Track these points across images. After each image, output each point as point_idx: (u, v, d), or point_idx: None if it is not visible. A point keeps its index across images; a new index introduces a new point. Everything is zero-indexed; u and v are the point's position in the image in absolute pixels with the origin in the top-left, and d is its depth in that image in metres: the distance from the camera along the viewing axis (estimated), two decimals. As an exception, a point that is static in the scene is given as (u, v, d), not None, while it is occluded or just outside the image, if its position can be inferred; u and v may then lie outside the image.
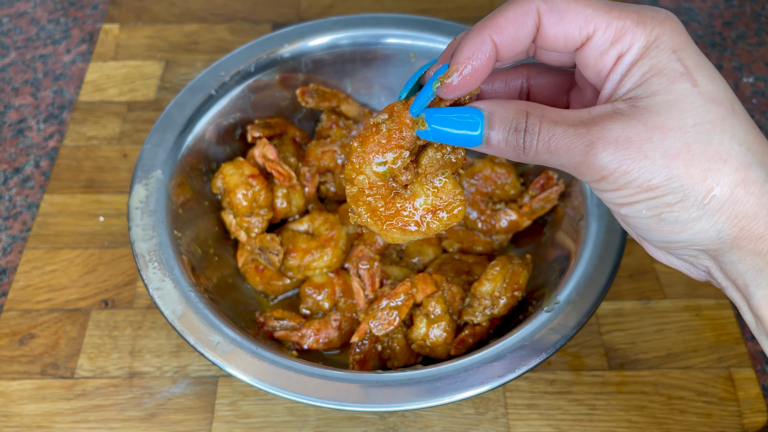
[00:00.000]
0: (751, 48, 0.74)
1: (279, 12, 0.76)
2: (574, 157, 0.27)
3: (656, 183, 0.26)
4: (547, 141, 0.27)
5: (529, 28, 0.28)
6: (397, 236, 0.32)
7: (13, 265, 0.58)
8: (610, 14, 0.27)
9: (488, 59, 0.28)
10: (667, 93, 0.26)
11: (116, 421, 0.49)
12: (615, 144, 0.26)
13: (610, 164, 0.26)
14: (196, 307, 0.44)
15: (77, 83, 0.70)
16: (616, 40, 0.27)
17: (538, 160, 0.28)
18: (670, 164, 0.26)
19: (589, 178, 0.27)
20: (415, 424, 0.49)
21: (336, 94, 0.59)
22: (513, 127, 0.28)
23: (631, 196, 0.27)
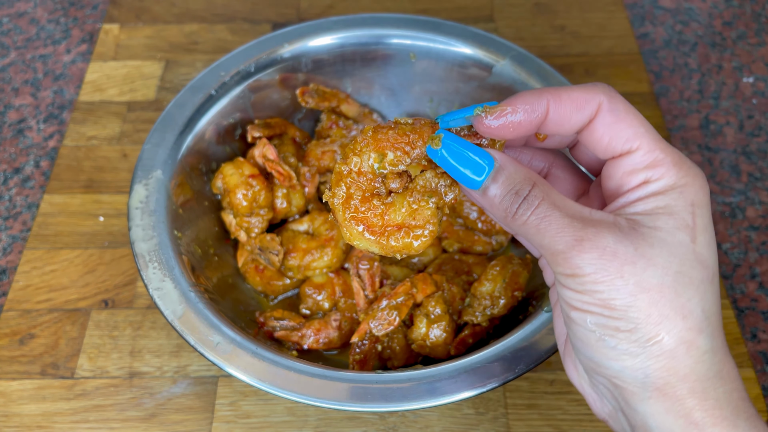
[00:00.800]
0: (751, 48, 0.74)
1: (279, 12, 0.76)
2: (558, 244, 0.27)
3: (617, 305, 0.26)
4: (540, 218, 0.27)
5: (585, 115, 0.28)
6: (355, 234, 0.32)
7: (13, 265, 0.58)
8: (656, 143, 0.28)
9: (535, 119, 0.28)
10: (668, 234, 0.27)
11: (116, 421, 0.49)
12: (601, 251, 0.26)
13: (587, 267, 0.26)
14: (196, 307, 0.44)
15: (77, 83, 0.70)
16: (651, 166, 0.28)
17: (521, 232, 0.28)
18: (639, 295, 0.26)
19: (560, 269, 0.27)
20: (415, 424, 0.49)
21: (336, 94, 0.59)
22: (515, 190, 0.28)
23: (588, 304, 0.27)
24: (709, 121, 0.68)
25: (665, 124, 0.66)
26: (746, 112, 0.69)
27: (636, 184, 0.28)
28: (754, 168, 0.64)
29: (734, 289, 0.57)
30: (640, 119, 0.28)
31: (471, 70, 0.57)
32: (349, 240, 0.32)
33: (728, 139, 0.66)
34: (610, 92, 0.28)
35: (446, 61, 0.58)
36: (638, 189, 0.28)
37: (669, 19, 0.77)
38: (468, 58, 0.57)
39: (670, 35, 0.75)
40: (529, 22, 0.75)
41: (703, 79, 0.71)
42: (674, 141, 0.66)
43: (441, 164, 0.29)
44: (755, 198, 0.62)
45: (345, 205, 0.31)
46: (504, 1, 0.77)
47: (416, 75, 0.59)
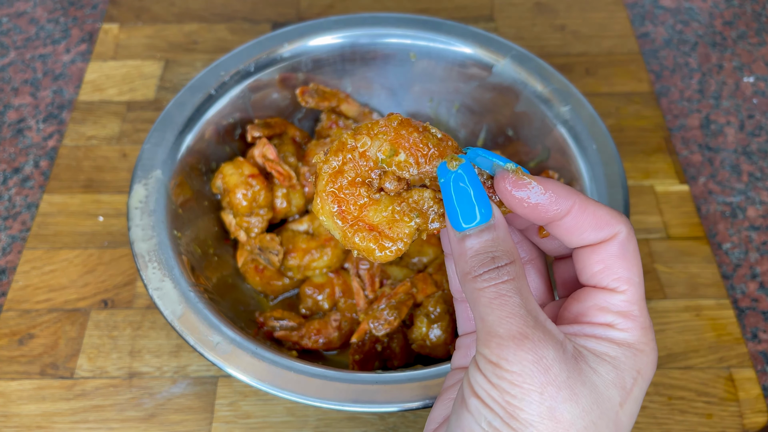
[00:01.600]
0: (751, 48, 0.74)
1: (279, 11, 0.76)
2: (500, 327, 0.25)
3: (521, 416, 0.24)
4: (499, 294, 0.25)
5: (599, 236, 0.27)
6: (326, 211, 0.29)
7: (12, 265, 0.58)
8: (640, 299, 0.27)
9: (553, 213, 0.27)
10: (603, 383, 0.25)
11: (116, 422, 0.49)
12: (538, 359, 0.24)
13: (516, 365, 0.24)
14: (195, 307, 0.44)
15: (77, 83, 0.70)
16: (622, 315, 0.27)
17: (472, 297, 0.26)
18: (546, 421, 0.24)
19: (486, 352, 0.25)
20: (415, 425, 0.49)
21: (336, 93, 0.59)
22: (493, 255, 0.26)
23: (493, 401, 0.25)
24: (709, 120, 0.68)
25: (665, 124, 0.66)
26: (747, 112, 0.68)
27: (599, 322, 0.27)
28: (754, 168, 0.64)
29: (735, 289, 0.57)
30: (640, 269, 0.27)
31: (471, 70, 0.57)
32: (317, 212, 0.30)
33: (729, 139, 0.66)
34: (630, 228, 0.27)
35: (446, 60, 0.58)
36: (599, 327, 0.27)
37: (669, 19, 0.77)
38: (468, 57, 0.57)
39: (670, 35, 0.75)
40: (530, 22, 0.75)
41: (704, 79, 0.71)
42: (675, 141, 0.66)
43: (442, 189, 0.27)
44: (756, 198, 0.62)
45: (331, 177, 0.29)
46: (504, 1, 0.77)
47: (416, 74, 0.59)
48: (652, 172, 0.62)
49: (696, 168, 0.64)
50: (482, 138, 0.60)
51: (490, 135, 0.59)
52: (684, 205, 0.60)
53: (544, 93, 0.54)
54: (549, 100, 0.54)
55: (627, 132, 0.66)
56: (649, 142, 0.65)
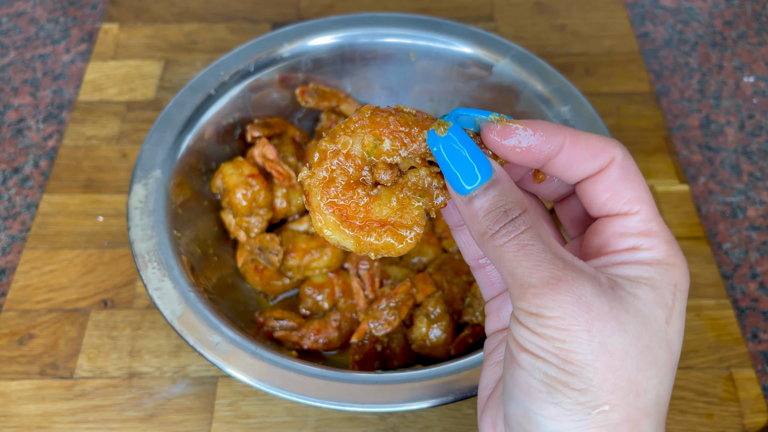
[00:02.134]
0: (751, 47, 0.74)
1: (279, 11, 0.76)
2: (532, 278, 0.24)
3: (575, 359, 0.24)
4: (521, 245, 0.25)
5: (596, 165, 0.27)
6: (329, 224, 0.28)
7: (12, 265, 0.58)
8: (655, 214, 0.27)
9: (547, 151, 0.27)
10: (646, 306, 0.25)
11: (116, 422, 0.49)
12: (577, 298, 0.24)
13: (556, 309, 0.24)
14: (195, 307, 0.44)
15: (76, 83, 0.70)
16: (644, 234, 0.26)
17: (494, 255, 0.26)
18: (600, 356, 0.24)
19: (524, 305, 0.25)
20: (415, 425, 0.49)
21: (336, 93, 0.59)
22: (504, 209, 0.25)
23: (544, 350, 0.24)
24: (709, 120, 0.68)
25: (666, 124, 0.66)
26: (747, 112, 0.68)
27: (624, 248, 0.27)
28: (754, 168, 0.64)
29: (735, 289, 0.57)
30: (645, 186, 0.27)
31: (471, 70, 0.57)
32: (320, 229, 0.28)
33: (729, 139, 0.66)
34: (625, 150, 0.27)
35: (446, 60, 0.58)
36: (625, 253, 0.27)
37: (669, 19, 0.77)
38: (468, 57, 0.57)
39: (670, 35, 0.75)
40: (530, 22, 0.75)
41: (704, 79, 0.71)
42: (675, 141, 0.66)
43: (437, 157, 0.27)
44: (756, 198, 0.62)
45: (324, 189, 0.28)
46: (504, 1, 0.77)
47: (416, 74, 0.59)
48: (652, 172, 0.62)
49: (696, 168, 0.64)
50: (482, 138, 0.60)
51: (490, 135, 0.59)
52: (684, 205, 0.60)
53: (544, 93, 0.54)
54: (549, 100, 0.54)
55: (627, 132, 0.65)
56: (649, 142, 0.65)
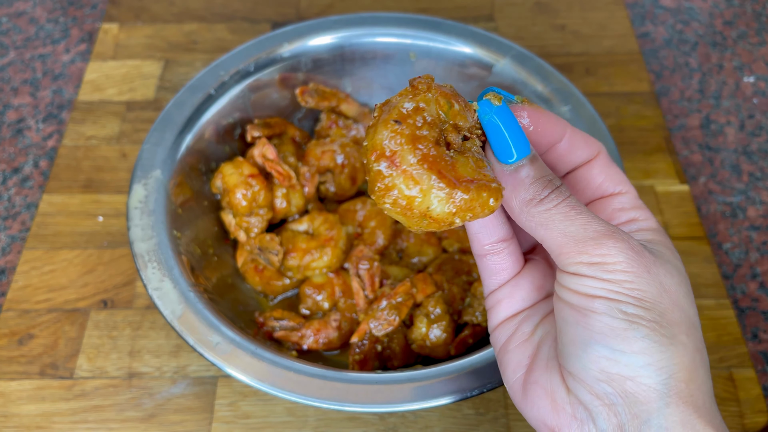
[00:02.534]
0: (751, 47, 0.74)
1: (279, 11, 0.76)
2: (588, 231, 0.26)
3: (646, 296, 0.26)
4: (572, 206, 0.27)
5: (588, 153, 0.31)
6: (425, 186, 0.25)
7: (12, 265, 0.58)
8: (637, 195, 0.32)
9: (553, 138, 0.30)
10: (671, 258, 0.28)
11: (115, 422, 0.49)
12: (632, 247, 0.26)
13: (619, 255, 0.26)
14: (195, 307, 0.44)
15: (76, 83, 0.70)
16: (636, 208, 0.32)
17: (543, 219, 0.27)
18: (663, 294, 0.26)
19: (584, 258, 0.26)
20: (415, 425, 0.49)
21: (336, 93, 0.59)
22: (548, 179, 0.28)
23: (616, 293, 0.26)
24: (709, 120, 0.68)
25: (666, 124, 0.66)
26: (747, 112, 0.68)
27: (626, 220, 0.30)
28: (755, 168, 0.64)
29: (735, 289, 0.57)
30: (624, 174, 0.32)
31: (471, 70, 0.57)
32: (408, 195, 0.25)
33: (729, 139, 0.66)
34: (603, 146, 0.32)
35: (446, 60, 0.58)
36: (629, 224, 0.30)
37: (669, 19, 0.77)
38: (468, 57, 0.57)
39: (670, 35, 0.75)
40: (530, 22, 0.75)
41: (704, 79, 0.71)
42: (675, 140, 0.66)
43: (488, 127, 0.28)
44: (756, 198, 0.62)
45: (413, 146, 0.25)
46: (504, 1, 0.77)
47: (416, 74, 0.59)
48: (652, 172, 0.62)
49: (696, 168, 0.64)
50: (482, 138, 0.60)
51: (490, 135, 0.59)
52: (684, 205, 0.60)
53: (544, 93, 0.54)
54: (549, 99, 0.54)
55: (627, 132, 0.65)
56: (649, 142, 0.65)
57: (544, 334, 0.30)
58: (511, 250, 0.31)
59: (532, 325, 0.31)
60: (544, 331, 0.30)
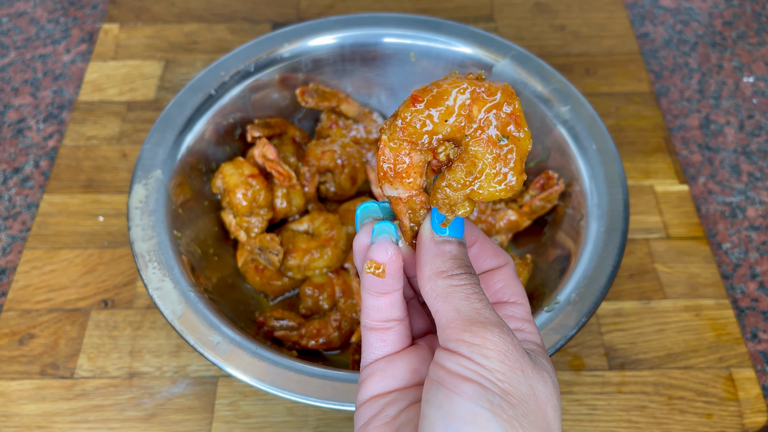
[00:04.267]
0: (751, 48, 0.74)
1: (279, 12, 0.76)
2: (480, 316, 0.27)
3: (514, 393, 0.26)
4: (475, 291, 0.28)
5: (496, 263, 0.33)
6: (516, 173, 0.27)
7: (12, 265, 0.58)
8: (529, 310, 0.32)
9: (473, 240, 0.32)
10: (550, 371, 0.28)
11: (116, 422, 0.49)
12: (516, 343, 0.27)
13: (500, 345, 0.26)
14: (195, 307, 0.44)
15: (77, 83, 0.70)
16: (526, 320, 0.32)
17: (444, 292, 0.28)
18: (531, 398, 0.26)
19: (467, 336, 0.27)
20: (415, 424, 0.49)
21: (336, 93, 0.59)
22: (466, 263, 0.29)
23: (487, 380, 0.26)
24: (709, 120, 0.68)
25: (665, 124, 0.66)
26: (746, 112, 0.69)
27: (514, 328, 0.31)
28: (754, 168, 0.64)
29: (734, 289, 0.57)
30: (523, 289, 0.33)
31: (471, 70, 0.57)
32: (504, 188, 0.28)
33: (728, 139, 0.66)
34: (512, 261, 0.33)
35: (446, 60, 0.58)
36: (516, 332, 0.30)
37: (669, 19, 0.77)
38: (468, 57, 0.57)
39: (670, 35, 0.75)
40: (530, 22, 0.75)
41: (704, 79, 0.71)
42: (675, 141, 0.66)
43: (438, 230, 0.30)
44: (756, 198, 0.62)
45: (488, 143, 0.27)
46: (504, 1, 0.77)
47: (416, 75, 0.59)
48: (651, 172, 0.63)
49: (696, 168, 0.64)
50: (482, 138, 0.60)
51: (490, 135, 0.59)
52: (684, 205, 0.60)
53: (543, 93, 0.54)
54: (549, 100, 0.54)
55: (627, 132, 0.66)
56: (648, 142, 0.65)
57: (406, 421, 0.29)
58: (398, 330, 0.31)
59: (397, 409, 0.30)
60: (407, 418, 0.29)
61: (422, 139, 0.28)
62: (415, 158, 0.28)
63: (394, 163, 0.29)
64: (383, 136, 0.28)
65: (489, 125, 0.27)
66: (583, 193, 0.50)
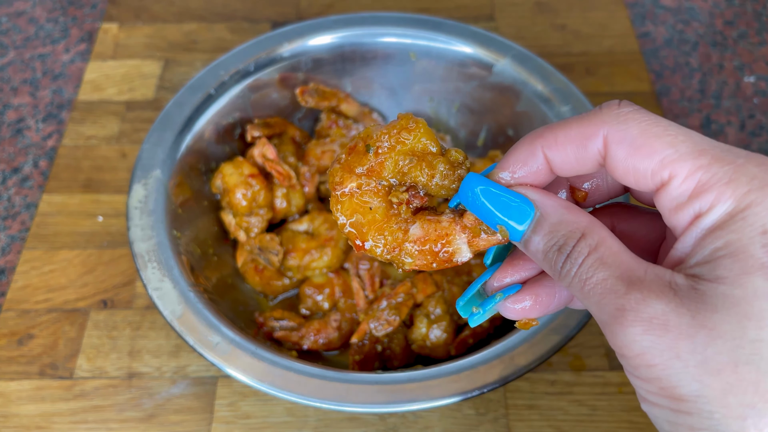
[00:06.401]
0: (752, 47, 0.74)
1: (278, 11, 0.76)
2: (602, 314, 0.22)
3: (683, 394, 0.20)
4: (582, 281, 0.22)
5: (593, 152, 0.23)
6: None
7: (11, 265, 0.58)
8: (697, 160, 0.21)
9: (540, 177, 0.24)
10: (735, 285, 0.20)
11: (115, 422, 0.49)
12: (647, 324, 0.20)
13: (633, 345, 0.20)
14: (195, 307, 0.44)
15: (76, 83, 0.70)
16: (695, 194, 0.21)
17: (572, 292, 0.23)
18: (705, 380, 0.19)
19: (611, 344, 0.22)
20: (415, 425, 0.48)
21: (336, 93, 0.59)
22: (558, 245, 0.23)
23: (654, 395, 0.21)
24: (710, 120, 0.68)
25: (666, 124, 0.66)
26: (747, 112, 0.68)
27: (687, 223, 0.22)
28: (755, 167, 0.64)
29: (735, 289, 0.57)
30: (665, 138, 0.22)
31: (471, 70, 0.57)
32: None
33: (729, 139, 0.66)
34: (617, 117, 0.23)
35: (446, 60, 0.58)
36: (691, 229, 0.21)
37: (670, 19, 0.77)
38: (468, 57, 0.57)
39: (671, 34, 0.75)
40: (530, 21, 0.75)
41: (705, 79, 0.71)
42: (675, 140, 0.66)
43: (475, 209, 0.25)
44: (756, 198, 0.62)
45: None
46: (505, 0, 0.77)
47: (416, 74, 0.59)
48: (652, 172, 0.62)
49: (697, 168, 0.64)
50: (482, 138, 0.60)
51: (491, 135, 0.59)
52: (685, 205, 0.60)
53: (544, 93, 0.54)
54: (549, 99, 0.54)
55: (627, 132, 0.65)
56: (649, 142, 0.64)
57: None
58: None
59: None
60: None
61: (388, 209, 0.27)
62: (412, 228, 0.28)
63: (422, 244, 0.27)
64: None
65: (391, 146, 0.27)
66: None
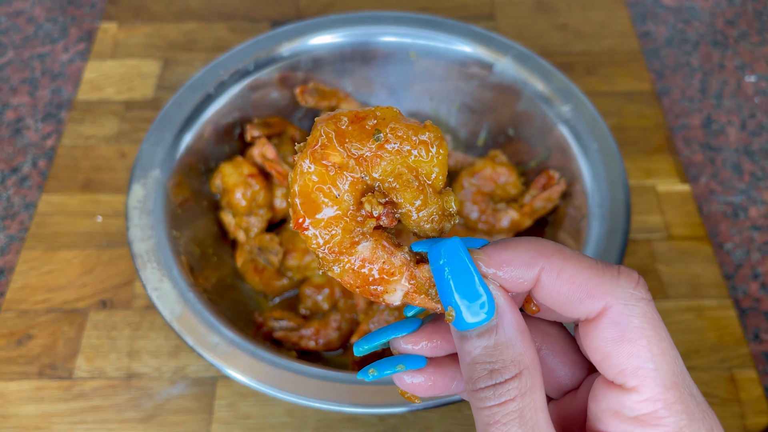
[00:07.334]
0: (753, 47, 0.74)
1: (278, 10, 0.76)
2: None
3: None
4: (494, 421, 0.20)
5: (584, 312, 0.21)
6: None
7: (10, 265, 0.57)
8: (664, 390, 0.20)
9: (517, 284, 0.22)
10: None
11: (114, 422, 0.49)
12: None
13: None
14: (194, 307, 0.44)
15: (75, 82, 0.70)
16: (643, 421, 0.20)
17: (474, 413, 0.21)
18: None
19: None
20: (415, 426, 0.48)
21: (335, 92, 0.59)
22: (492, 367, 0.20)
23: None
24: (711, 120, 0.68)
25: (667, 124, 0.66)
26: (748, 111, 0.68)
27: (615, 415, 0.20)
28: (756, 167, 0.64)
29: (736, 289, 0.56)
30: (655, 346, 0.20)
31: (471, 69, 0.57)
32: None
33: (730, 139, 0.66)
34: (630, 298, 0.20)
35: (447, 59, 0.57)
36: (613, 420, 0.20)
37: (671, 18, 0.77)
38: (468, 56, 0.57)
39: (671, 34, 0.75)
40: (530, 21, 0.75)
41: (705, 78, 0.71)
42: (676, 140, 0.66)
43: (437, 276, 0.22)
44: (758, 198, 0.62)
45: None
46: (505, 0, 0.77)
47: (416, 74, 0.59)
48: (653, 172, 0.62)
49: (697, 168, 0.64)
50: (483, 137, 0.60)
51: (491, 134, 0.59)
52: (685, 205, 0.60)
53: (545, 92, 0.54)
54: (550, 99, 0.54)
55: (628, 131, 0.65)
56: (650, 142, 0.64)
57: None
58: None
59: None
60: None
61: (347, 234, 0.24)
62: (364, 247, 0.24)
63: (361, 266, 0.24)
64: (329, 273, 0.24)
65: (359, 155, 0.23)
66: (584, 193, 0.50)
